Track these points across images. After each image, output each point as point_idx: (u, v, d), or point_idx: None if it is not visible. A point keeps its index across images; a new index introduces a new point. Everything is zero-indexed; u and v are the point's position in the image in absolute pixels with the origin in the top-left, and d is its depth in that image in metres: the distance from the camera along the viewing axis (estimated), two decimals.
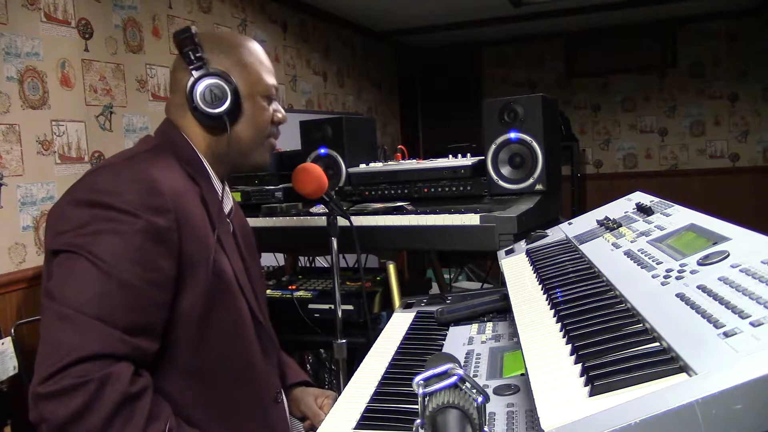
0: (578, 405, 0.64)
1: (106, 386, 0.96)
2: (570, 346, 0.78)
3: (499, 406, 0.93)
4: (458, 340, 1.27)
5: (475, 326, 1.34)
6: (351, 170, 2.24)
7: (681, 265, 0.87)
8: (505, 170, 2.00)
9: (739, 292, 0.71)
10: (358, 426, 0.98)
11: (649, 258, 0.97)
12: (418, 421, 0.68)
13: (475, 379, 0.86)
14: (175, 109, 1.25)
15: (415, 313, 1.50)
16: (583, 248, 1.21)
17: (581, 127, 6.27)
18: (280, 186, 2.28)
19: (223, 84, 1.20)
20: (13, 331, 2.23)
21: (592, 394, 0.65)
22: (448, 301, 1.54)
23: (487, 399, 0.68)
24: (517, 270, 1.32)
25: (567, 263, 1.17)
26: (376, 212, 1.95)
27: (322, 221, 1.90)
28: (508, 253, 1.52)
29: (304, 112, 4.50)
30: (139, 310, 1.03)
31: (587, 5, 5.14)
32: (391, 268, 1.96)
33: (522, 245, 1.52)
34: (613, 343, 0.74)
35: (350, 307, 1.94)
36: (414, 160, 2.27)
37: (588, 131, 6.30)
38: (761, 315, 0.64)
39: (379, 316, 2.02)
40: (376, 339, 1.37)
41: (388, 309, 2.02)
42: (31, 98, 2.47)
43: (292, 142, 2.40)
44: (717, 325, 0.66)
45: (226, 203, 1.29)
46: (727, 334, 0.64)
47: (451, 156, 2.17)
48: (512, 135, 1.96)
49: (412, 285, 2.42)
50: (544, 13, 5.37)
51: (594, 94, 6.26)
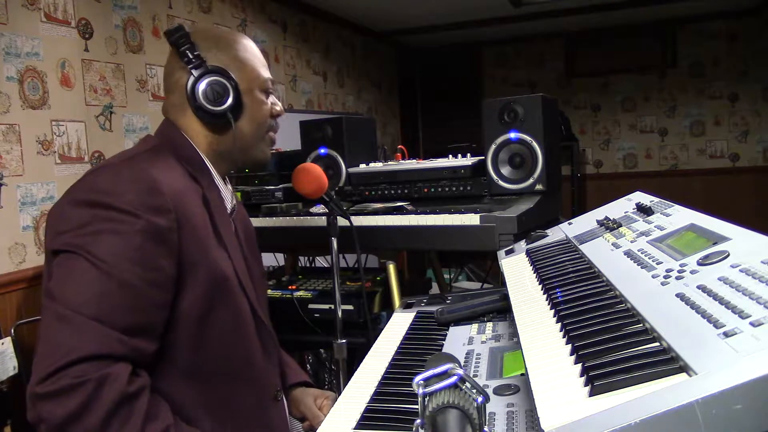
0: (578, 405, 0.64)
1: (103, 386, 0.96)
2: (570, 346, 0.78)
3: (499, 406, 0.92)
4: (458, 340, 1.27)
5: (475, 326, 1.34)
6: (351, 170, 2.24)
7: (681, 265, 0.87)
8: (505, 170, 2.00)
9: (739, 292, 0.71)
10: (358, 426, 0.98)
11: (649, 258, 0.97)
12: (418, 421, 0.68)
13: (475, 379, 0.86)
14: (173, 109, 1.25)
15: (415, 313, 1.50)
16: (583, 248, 1.21)
17: (581, 127, 6.28)
18: (280, 186, 2.28)
19: (224, 81, 1.20)
20: (13, 331, 2.23)
21: (592, 394, 0.65)
22: (448, 301, 1.54)
23: (487, 399, 0.68)
24: (517, 270, 1.32)
25: (567, 263, 1.17)
26: (376, 212, 1.95)
27: (322, 221, 1.90)
28: (508, 253, 1.52)
29: (304, 112, 4.50)
30: (139, 311, 1.03)
31: (587, 5, 5.14)
32: (391, 268, 1.96)
33: (522, 245, 1.52)
34: (613, 343, 0.74)
35: (350, 307, 1.94)
36: (414, 160, 2.27)
37: (588, 131, 6.31)
38: (761, 315, 0.64)
39: (379, 316, 2.02)
40: (376, 339, 1.37)
41: (388, 309, 2.02)
42: (31, 98, 2.47)
43: (292, 142, 2.40)
44: (717, 325, 0.66)
45: (228, 202, 1.29)
46: (727, 334, 0.63)
47: (451, 156, 2.17)
48: (512, 135, 1.96)
49: (412, 285, 2.42)
50: (544, 13, 5.37)
51: (594, 94, 6.26)
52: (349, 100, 5.39)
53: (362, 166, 2.25)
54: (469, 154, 2.14)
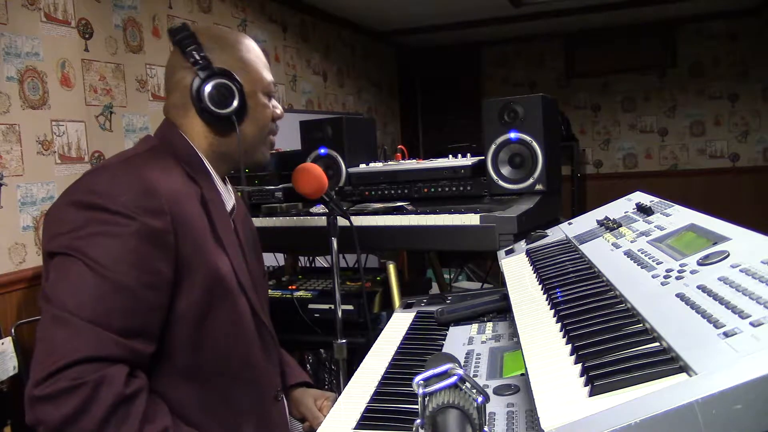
0: (578, 405, 0.64)
1: (100, 388, 0.96)
2: (570, 346, 0.78)
3: (499, 406, 0.92)
4: (458, 340, 1.27)
5: (475, 326, 1.33)
6: (351, 170, 2.24)
7: (681, 265, 0.87)
8: (505, 170, 2.00)
9: (739, 292, 0.71)
10: (358, 426, 0.98)
11: (649, 258, 0.97)
12: (418, 421, 0.68)
13: (475, 379, 0.86)
14: (174, 109, 1.24)
15: (415, 313, 1.50)
16: (583, 248, 1.21)
17: (581, 127, 6.27)
18: (280, 186, 2.28)
19: (230, 83, 1.19)
20: (13, 331, 2.23)
21: (592, 394, 0.65)
22: (448, 301, 1.54)
23: (487, 399, 0.68)
24: (517, 270, 1.32)
25: (567, 263, 1.17)
26: (376, 212, 1.95)
27: (322, 221, 1.90)
28: (508, 253, 1.52)
29: (304, 112, 4.50)
30: (135, 313, 1.03)
31: (587, 5, 5.14)
32: (391, 268, 1.96)
33: (522, 245, 1.52)
34: (613, 343, 0.74)
35: (350, 307, 1.94)
36: (414, 160, 2.27)
37: (588, 131, 6.30)
38: (761, 315, 0.64)
39: (379, 316, 2.02)
40: (376, 339, 1.37)
41: (388, 309, 2.02)
42: (31, 98, 2.47)
43: (292, 142, 2.40)
44: (717, 325, 0.66)
45: (227, 201, 1.29)
46: (727, 334, 0.63)
47: (451, 156, 2.17)
48: (512, 135, 1.96)
49: (412, 285, 2.42)
50: (544, 13, 5.37)
51: (594, 94, 6.26)
52: (349, 100, 5.39)
53: (362, 166, 2.25)
54: (469, 154, 2.14)
